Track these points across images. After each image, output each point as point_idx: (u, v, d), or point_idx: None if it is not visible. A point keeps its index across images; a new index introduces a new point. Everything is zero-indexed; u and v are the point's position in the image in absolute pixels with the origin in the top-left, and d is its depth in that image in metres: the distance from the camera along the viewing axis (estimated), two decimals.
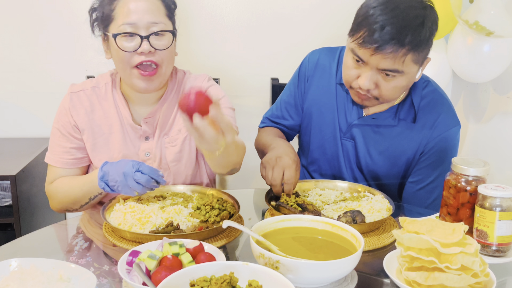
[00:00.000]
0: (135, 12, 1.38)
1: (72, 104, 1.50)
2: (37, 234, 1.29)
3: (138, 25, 1.38)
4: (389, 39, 1.29)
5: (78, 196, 1.42)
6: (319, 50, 1.69)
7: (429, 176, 1.54)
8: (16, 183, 1.89)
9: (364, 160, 1.58)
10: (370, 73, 1.36)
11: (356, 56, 1.37)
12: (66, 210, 1.49)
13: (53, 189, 1.48)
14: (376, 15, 1.31)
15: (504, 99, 2.12)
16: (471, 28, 1.87)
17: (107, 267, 1.10)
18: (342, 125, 1.59)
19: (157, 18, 1.40)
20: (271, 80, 2.11)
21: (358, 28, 1.35)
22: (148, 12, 1.39)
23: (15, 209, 1.92)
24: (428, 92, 1.53)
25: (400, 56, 1.31)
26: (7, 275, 0.98)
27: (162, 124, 1.53)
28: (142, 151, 1.52)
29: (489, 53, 1.95)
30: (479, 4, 1.90)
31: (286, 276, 0.94)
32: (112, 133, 1.51)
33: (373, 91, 1.40)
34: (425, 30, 1.32)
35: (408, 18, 1.30)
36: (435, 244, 0.97)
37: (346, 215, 1.27)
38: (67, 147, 1.50)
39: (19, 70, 2.33)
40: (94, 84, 1.54)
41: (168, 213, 1.30)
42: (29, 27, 2.28)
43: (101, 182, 1.32)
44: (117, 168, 1.31)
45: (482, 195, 1.14)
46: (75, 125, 1.50)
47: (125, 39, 1.39)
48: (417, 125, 1.52)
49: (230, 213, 1.32)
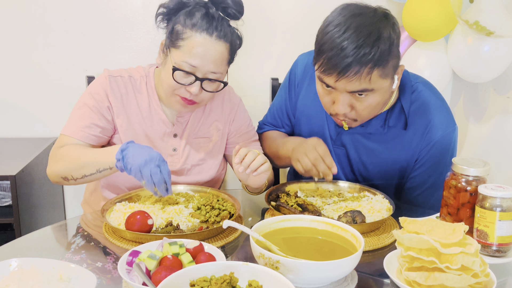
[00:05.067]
0: (201, 57, 1.39)
1: (110, 87, 1.52)
2: (37, 234, 1.29)
3: (198, 69, 1.40)
4: (349, 62, 1.24)
5: (88, 163, 1.37)
6: (307, 53, 1.67)
7: (425, 182, 1.51)
8: (16, 183, 1.89)
9: (357, 167, 1.57)
10: (341, 97, 1.33)
11: (324, 83, 1.35)
12: (64, 179, 1.43)
13: (62, 151, 1.44)
14: (332, 40, 1.27)
15: (504, 99, 2.12)
16: (471, 28, 1.87)
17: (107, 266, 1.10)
18: (332, 133, 1.58)
19: (218, 69, 1.42)
20: (271, 80, 2.11)
21: (318, 56, 1.32)
22: (213, 62, 1.40)
23: (15, 209, 1.91)
24: (418, 95, 1.48)
25: (365, 76, 1.27)
26: (7, 275, 0.98)
27: (192, 125, 1.59)
28: (170, 145, 1.57)
29: (489, 53, 1.95)
30: (479, 4, 1.90)
31: (286, 276, 0.94)
32: (142, 123, 1.54)
33: (350, 114, 1.37)
34: (384, 43, 1.26)
35: (363, 35, 1.25)
36: (435, 244, 0.96)
37: (346, 215, 1.27)
38: (92, 123, 1.49)
39: (19, 70, 2.33)
40: (130, 73, 1.57)
41: (168, 213, 1.30)
42: (29, 27, 2.28)
43: (120, 154, 1.30)
44: (142, 151, 1.29)
45: (483, 195, 1.14)
46: (110, 106, 1.51)
47: (183, 74, 1.41)
48: (408, 132, 1.48)
49: (230, 213, 1.32)
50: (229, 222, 1.10)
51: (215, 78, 1.43)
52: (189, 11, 1.42)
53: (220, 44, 1.40)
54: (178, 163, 1.57)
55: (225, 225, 1.10)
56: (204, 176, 1.61)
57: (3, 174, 1.90)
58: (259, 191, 1.52)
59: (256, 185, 1.44)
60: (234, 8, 1.44)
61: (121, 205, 1.34)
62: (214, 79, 1.43)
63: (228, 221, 1.10)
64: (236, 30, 1.48)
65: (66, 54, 2.34)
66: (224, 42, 1.41)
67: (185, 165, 1.57)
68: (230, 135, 1.66)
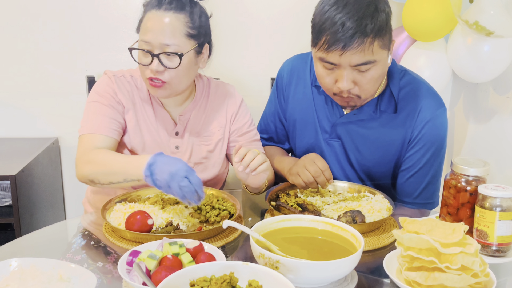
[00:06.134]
0: (151, 31, 1.42)
1: (117, 85, 1.54)
2: (37, 234, 1.29)
3: (152, 44, 1.42)
4: (352, 33, 1.31)
5: (116, 171, 1.36)
6: (291, 58, 1.75)
7: (419, 162, 1.55)
8: (16, 183, 1.89)
9: (354, 157, 1.60)
10: (345, 73, 1.38)
11: (326, 62, 1.39)
12: (91, 182, 1.42)
13: (92, 155, 1.41)
14: (333, 16, 1.34)
15: (504, 99, 2.12)
16: (471, 28, 1.87)
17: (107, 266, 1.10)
18: (326, 127, 1.61)
19: (171, 40, 1.41)
20: (271, 80, 2.11)
21: (319, 36, 1.38)
22: (162, 33, 1.41)
23: (15, 209, 1.91)
24: (407, 81, 1.55)
25: (368, 46, 1.33)
26: (7, 275, 0.98)
27: (193, 123, 1.60)
28: (172, 143, 1.58)
29: (489, 53, 1.95)
30: (479, 4, 1.90)
31: (286, 276, 0.94)
32: (147, 121, 1.56)
33: (354, 90, 1.42)
34: (381, 14, 1.35)
35: (362, 8, 1.33)
36: (435, 244, 0.97)
37: (346, 215, 1.27)
38: (111, 117, 1.50)
39: (19, 70, 2.33)
40: (131, 73, 1.59)
41: (168, 213, 1.30)
42: (29, 27, 2.28)
43: (148, 170, 1.26)
44: (168, 164, 1.25)
45: (482, 195, 1.15)
46: (120, 102, 1.53)
47: (142, 53, 1.44)
48: (400, 116, 1.53)
49: (230, 213, 1.32)
50: (229, 222, 1.10)
51: (172, 51, 1.42)
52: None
53: (169, 15, 1.41)
54: None
55: (225, 225, 1.10)
56: (207, 174, 1.61)
57: (3, 174, 1.90)
58: (259, 191, 1.53)
59: (256, 184, 1.45)
60: None
61: (121, 205, 1.34)
62: (171, 51, 1.42)
63: (228, 221, 1.10)
64: (198, 3, 1.48)
65: (66, 54, 2.34)
66: (174, 13, 1.42)
67: (188, 163, 1.57)
68: (232, 134, 1.66)
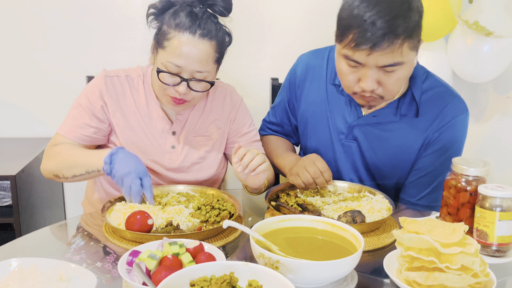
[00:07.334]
0: (185, 57, 1.39)
1: (106, 87, 1.53)
2: (37, 234, 1.29)
3: (183, 69, 1.40)
4: (383, 34, 1.23)
5: (78, 163, 1.43)
6: (307, 54, 1.69)
7: (431, 165, 1.52)
8: (16, 183, 1.89)
9: (370, 159, 1.56)
10: (370, 73, 1.31)
11: (352, 61, 1.31)
12: (55, 176, 1.49)
13: (55, 150, 1.49)
14: (362, 13, 1.24)
15: (504, 99, 2.12)
16: (471, 28, 1.87)
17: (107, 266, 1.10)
18: (341, 128, 1.57)
19: (204, 67, 1.42)
20: (271, 80, 2.11)
21: (346, 32, 1.29)
22: (197, 61, 1.40)
23: (15, 209, 1.91)
24: (429, 85, 1.50)
25: (398, 48, 1.26)
26: (7, 275, 0.98)
27: (191, 123, 1.59)
28: (168, 143, 1.57)
29: (489, 53, 1.95)
30: (479, 4, 1.89)
31: (286, 276, 0.94)
32: (140, 121, 1.55)
33: (377, 90, 1.35)
34: (415, 14, 1.26)
35: (396, 6, 1.24)
36: (435, 244, 0.97)
37: (346, 215, 1.27)
38: (85, 123, 1.52)
39: (19, 70, 2.33)
40: (127, 73, 1.58)
41: (168, 213, 1.30)
42: (29, 27, 2.28)
43: (109, 158, 1.34)
44: (129, 160, 1.34)
45: (482, 195, 1.14)
46: (104, 106, 1.53)
47: (168, 74, 1.42)
48: (421, 120, 1.49)
49: (230, 213, 1.32)
50: (229, 222, 1.10)
51: (201, 78, 1.43)
52: (174, 10, 1.42)
53: (204, 43, 1.40)
54: (177, 160, 1.57)
55: (225, 225, 1.10)
56: (203, 174, 1.61)
57: (3, 174, 1.90)
58: (258, 191, 1.52)
59: (255, 185, 1.44)
60: (222, 5, 1.44)
61: (121, 205, 1.34)
62: (201, 78, 1.43)
63: (228, 221, 1.10)
64: (224, 27, 1.47)
65: (66, 54, 2.34)
66: (208, 40, 1.41)
67: (184, 162, 1.57)
68: (231, 134, 1.66)
